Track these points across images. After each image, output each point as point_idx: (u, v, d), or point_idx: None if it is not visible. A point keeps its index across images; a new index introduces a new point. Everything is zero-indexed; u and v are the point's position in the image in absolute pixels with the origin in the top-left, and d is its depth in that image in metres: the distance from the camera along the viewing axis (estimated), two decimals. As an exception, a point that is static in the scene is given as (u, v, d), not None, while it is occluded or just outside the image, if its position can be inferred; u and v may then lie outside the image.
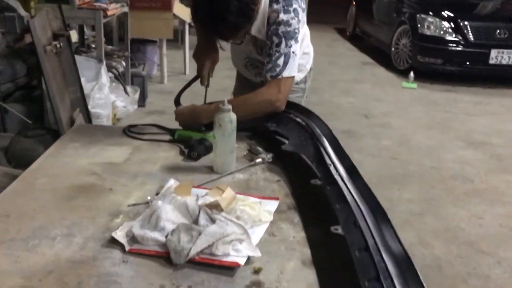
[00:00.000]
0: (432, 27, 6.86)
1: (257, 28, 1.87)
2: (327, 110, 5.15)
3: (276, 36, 1.85)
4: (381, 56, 7.99)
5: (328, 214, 1.24)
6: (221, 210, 1.26)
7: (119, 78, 4.25)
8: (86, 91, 3.25)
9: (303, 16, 1.91)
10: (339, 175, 1.41)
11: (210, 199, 1.29)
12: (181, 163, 1.70)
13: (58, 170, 1.59)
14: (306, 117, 1.81)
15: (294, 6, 1.87)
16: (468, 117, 5.50)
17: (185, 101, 2.06)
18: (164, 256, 1.15)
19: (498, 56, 6.56)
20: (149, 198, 1.40)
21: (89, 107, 3.33)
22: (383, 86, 6.64)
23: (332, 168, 1.45)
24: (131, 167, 1.63)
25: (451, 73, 6.81)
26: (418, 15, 7.01)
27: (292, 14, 1.86)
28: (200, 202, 1.31)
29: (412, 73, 6.66)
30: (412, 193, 3.59)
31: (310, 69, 2.27)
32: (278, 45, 1.85)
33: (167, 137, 1.91)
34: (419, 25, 6.93)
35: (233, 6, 1.64)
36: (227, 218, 1.22)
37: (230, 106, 1.59)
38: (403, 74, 6.98)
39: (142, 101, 4.99)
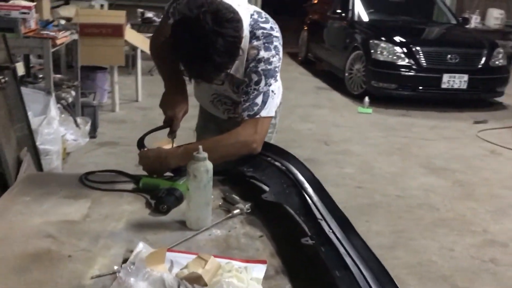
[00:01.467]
0: (385, 52, 6.92)
1: (235, 65, 1.72)
2: (288, 137, 5.03)
3: (256, 73, 1.71)
4: (335, 80, 8.01)
5: (327, 283, 1.08)
6: (205, 285, 1.08)
7: (69, 109, 3.99)
8: (33, 126, 2.98)
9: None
10: (333, 232, 1.26)
11: (188, 270, 1.11)
12: (148, 218, 1.50)
13: (5, 233, 1.36)
14: (285, 161, 1.65)
15: (275, 43, 1.74)
16: (426, 142, 5.51)
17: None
18: None
19: (450, 81, 6.67)
20: (116, 268, 1.19)
21: (37, 143, 3.06)
22: (340, 111, 6.61)
23: (323, 223, 1.29)
24: (91, 226, 1.43)
25: (405, 97, 6.88)
26: (371, 41, 7.07)
27: (273, 52, 1.73)
28: (177, 271, 1.13)
29: (367, 98, 6.67)
30: (380, 225, 3.49)
31: (280, 103, 2.14)
32: (257, 83, 1.71)
33: (130, 185, 1.71)
34: (372, 51, 6.98)
35: (220, 45, 1.48)
36: (212, 294, 1.05)
37: (205, 154, 1.42)
38: (358, 98, 6.99)
39: (93, 132, 4.72)
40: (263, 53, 1.71)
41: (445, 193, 4.14)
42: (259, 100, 1.71)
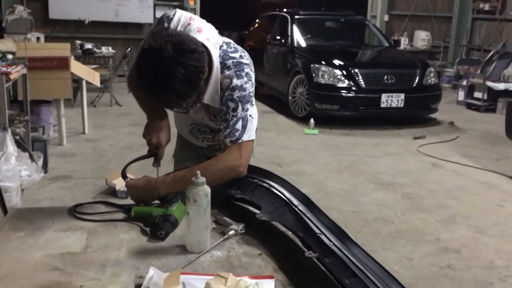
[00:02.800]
0: (326, 75, 7.20)
1: (210, 96, 1.81)
2: (241, 162, 5.11)
3: (232, 101, 1.80)
4: (279, 104, 8.22)
5: (339, 290, 1.17)
6: (228, 300, 1.14)
7: (23, 144, 3.90)
8: (-9, 163, 2.92)
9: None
10: (334, 244, 1.35)
11: (210, 288, 1.17)
12: (148, 245, 1.54)
13: (8, 269, 1.36)
14: (271, 181, 1.74)
15: (246, 70, 1.83)
16: (371, 159, 5.77)
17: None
18: None
19: (388, 100, 7.02)
20: (133, 294, 1.23)
21: (-3, 181, 3.00)
22: (287, 134, 6.79)
23: (323, 237, 1.39)
24: (94, 256, 1.45)
25: (347, 117, 7.17)
26: (312, 65, 7.34)
27: (245, 79, 1.82)
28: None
29: (312, 120, 6.90)
30: (341, 241, 3.62)
31: (256, 128, 2.23)
32: (235, 110, 1.80)
33: (121, 215, 1.74)
34: (313, 74, 7.25)
35: (179, 73, 1.55)
36: (235, 309, 1.11)
37: (204, 179, 1.49)
38: (303, 120, 7.22)
39: (45, 167, 4.62)
40: (236, 81, 1.80)
41: (396, 206, 4.35)
42: (239, 125, 1.80)
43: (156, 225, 1.59)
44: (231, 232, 1.60)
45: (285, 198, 1.62)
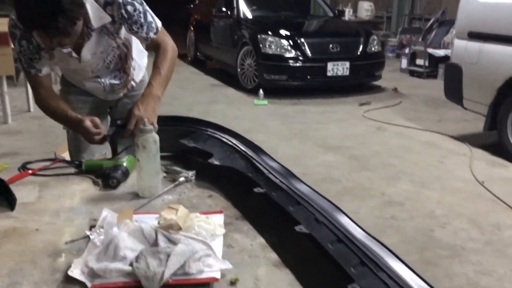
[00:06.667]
0: (273, 46, 7.28)
1: (96, 17, 1.77)
2: (191, 132, 5.15)
3: (123, 7, 1.80)
4: (228, 77, 8.25)
5: (285, 217, 1.26)
6: (179, 229, 1.21)
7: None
8: None
9: None
10: (281, 181, 1.44)
11: (163, 218, 1.24)
12: (101, 194, 1.59)
13: (-39, 220, 1.38)
14: (223, 133, 1.81)
15: None
16: (320, 126, 5.92)
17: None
18: (133, 286, 1.07)
19: (334, 68, 7.18)
20: (87, 232, 1.28)
21: None
22: (237, 105, 6.85)
23: (271, 176, 1.47)
24: (48, 205, 1.49)
25: (295, 87, 7.29)
26: (259, 36, 7.39)
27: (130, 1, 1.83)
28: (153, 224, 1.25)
29: (261, 91, 6.98)
30: (292, 200, 3.75)
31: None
32: (135, 10, 1.83)
33: (72, 169, 1.77)
34: (261, 45, 7.30)
35: None
36: (187, 237, 1.18)
37: (151, 126, 1.54)
38: (253, 92, 7.29)
39: (-10, 145, 4.52)
40: (120, 3, 1.80)
41: (343, 167, 4.52)
42: (149, 18, 1.87)
43: (107, 175, 1.63)
44: (182, 179, 1.66)
45: (236, 146, 1.69)
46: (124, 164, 1.67)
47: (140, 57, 2.20)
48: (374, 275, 1.00)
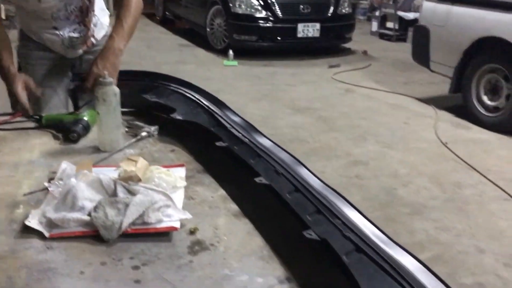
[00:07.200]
0: (243, 6, 7.17)
1: None
2: (159, 92, 5.10)
3: None
4: (197, 37, 8.13)
5: (245, 169, 1.27)
6: (139, 180, 1.21)
7: None
8: None
9: None
10: (243, 135, 1.45)
11: (122, 170, 1.23)
12: (61, 147, 1.57)
13: None
14: (187, 88, 1.80)
15: None
16: (289, 87, 5.93)
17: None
18: (91, 235, 1.08)
19: (305, 30, 7.14)
20: (46, 184, 1.27)
21: None
22: (207, 66, 6.79)
23: (233, 130, 1.47)
24: (6, 158, 1.46)
25: (266, 48, 7.24)
26: (229, -5, 7.27)
27: None
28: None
29: (231, 51, 6.92)
30: (259, 160, 3.78)
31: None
32: None
33: (32, 124, 1.74)
34: (231, 5, 7.20)
35: None
36: (147, 188, 1.18)
37: (111, 79, 1.51)
38: (222, 53, 7.22)
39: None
40: None
41: (311, 128, 4.56)
42: None
43: (68, 129, 1.61)
44: (144, 134, 1.65)
45: (199, 101, 1.68)
46: (85, 118, 1.65)
47: (102, 15, 2.13)
48: (329, 222, 1.03)
